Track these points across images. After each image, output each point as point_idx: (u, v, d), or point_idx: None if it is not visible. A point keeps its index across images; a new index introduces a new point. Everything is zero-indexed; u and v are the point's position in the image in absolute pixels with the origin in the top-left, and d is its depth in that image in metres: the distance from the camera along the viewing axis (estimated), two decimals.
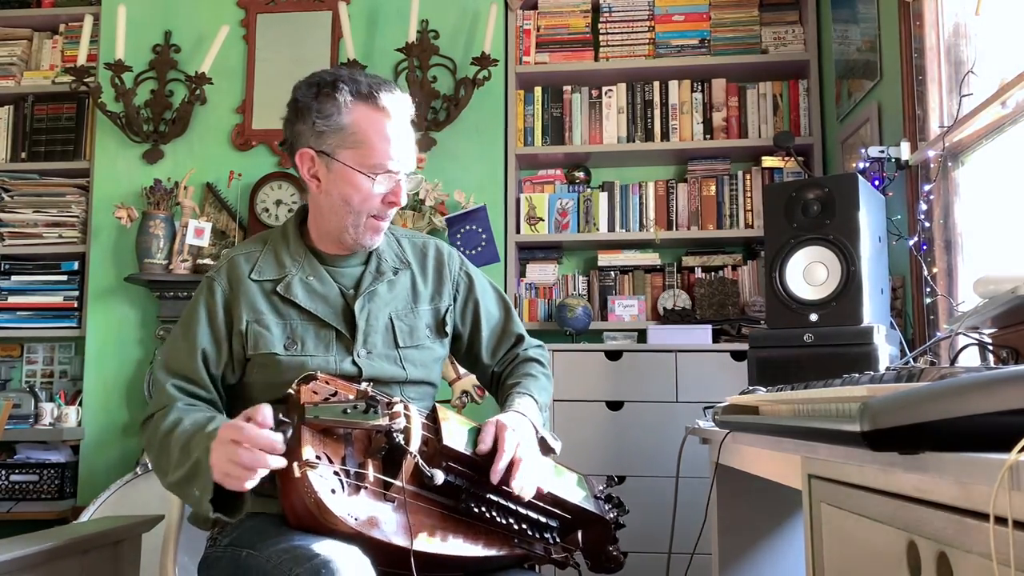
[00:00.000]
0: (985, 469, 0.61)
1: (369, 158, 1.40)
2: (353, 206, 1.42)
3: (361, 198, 1.42)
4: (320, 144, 1.41)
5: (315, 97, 1.41)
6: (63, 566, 1.44)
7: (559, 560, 1.43)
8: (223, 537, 1.35)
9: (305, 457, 1.16)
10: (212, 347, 1.41)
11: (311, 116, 1.41)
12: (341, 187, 1.42)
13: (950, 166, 2.23)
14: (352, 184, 1.41)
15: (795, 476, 1.17)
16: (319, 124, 1.40)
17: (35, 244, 3.47)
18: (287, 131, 1.47)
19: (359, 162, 1.40)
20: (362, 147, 1.40)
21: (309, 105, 1.41)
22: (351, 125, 1.40)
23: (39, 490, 3.19)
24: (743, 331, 2.97)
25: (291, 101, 1.46)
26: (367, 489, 1.23)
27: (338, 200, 1.43)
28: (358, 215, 1.43)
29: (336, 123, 1.40)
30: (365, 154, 1.40)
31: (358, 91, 1.41)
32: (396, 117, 1.43)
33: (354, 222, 1.44)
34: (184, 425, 1.31)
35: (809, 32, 3.26)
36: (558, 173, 3.43)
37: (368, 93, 1.41)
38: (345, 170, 1.41)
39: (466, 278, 1.61)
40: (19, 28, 3.68)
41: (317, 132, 1.41)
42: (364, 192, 1.41)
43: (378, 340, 1.46)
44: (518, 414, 1.43)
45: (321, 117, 1.40)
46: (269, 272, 1.46)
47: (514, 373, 1.59)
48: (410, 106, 1.47)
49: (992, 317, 1.51)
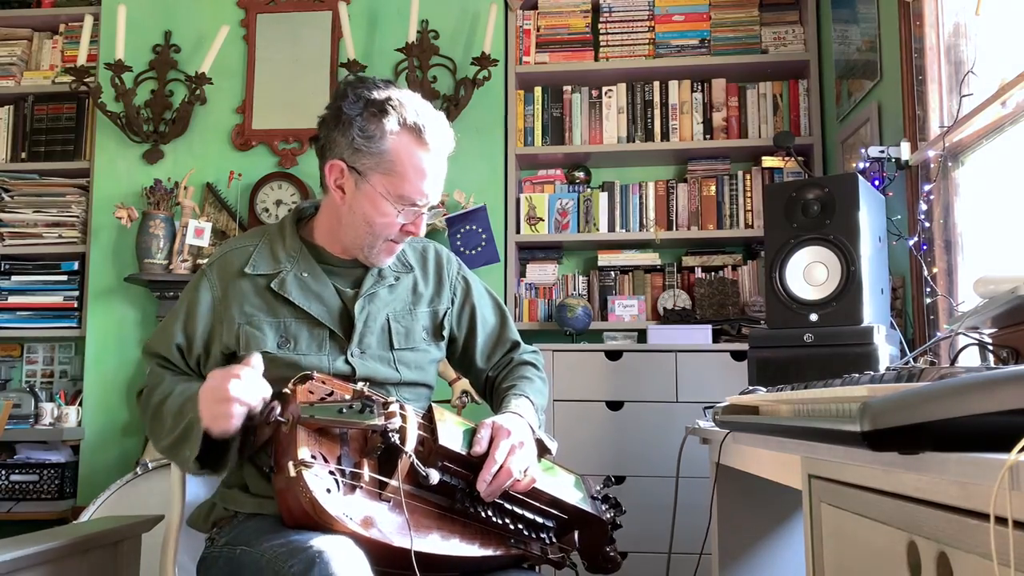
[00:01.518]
0: (985, 469, 0.61)
1: (399, 189, 1.40)
2: (373, 229, 1.43)
3: (383, 224, 1.42)
4: (354, 161, 1.40)
5: (361, 113, 1.39)
6: (63, 566, 1.44)
7: (556, 560, 1.43)
8: (220, 537, 1.36)
9: (300, 457, 1.16)
10: (184, 343, 1.46)
11: (352, 131, 1.39)
12: (365, 208, 1.42)
13: (950, 166, 2.23)
14: (377, 209, 1.41)
15: (795, 476, 1.17)
16: (358, 141, 1.39)
17: (35, 244, 3.47)
18: (322, 132, 1.45)
19: (388, 190, 1.40)
20: (396, 176, 1.39)
21: (352, 119, 1.39)
22: (390, 152, 1.39)
23: (39, 490, 3.19)
24: (743, 331, 2.97)
25: (335, 108, 1.43)
26: (363, 489, 1.23)
27: (360, 219, 1.43)
28: (375, 237, 1.44)
29: (376, 146, 1.38)
30: (397, 184, 1.40)
31: (406, 121, 1.39)
32: (436, 152, 1.43)
33: (370, 243, 1.45)
34: (176, 393, 1.37)
35: (809, 32, 3.26)
36: (558, 173, 3.43)
37: (415, 125, 1.39)
38: (374, 194, 1.41)
39: (463, 283, 1.62)
40: (19, 28, 3.68)
41: (354, 148, 1.39)
42: (387, 219, 1.42)
43: (373, 341, 1.46)
44: (515, 415, 1.43)
45: (363, 136, 1.38)
46: (263, 266, 1.46)
47: (509, 376, 1.60)
48: (452, 142, 1.47)
49: (992, 317, 1.51)
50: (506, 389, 1.54)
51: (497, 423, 1.37)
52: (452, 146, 1.48)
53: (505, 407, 1.47)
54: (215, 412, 1.22)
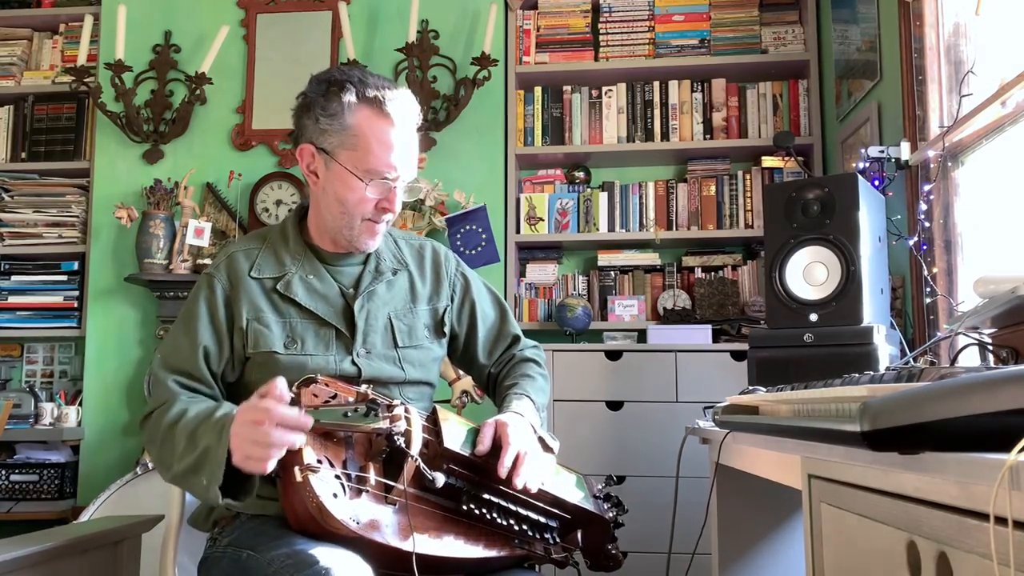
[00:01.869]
0: (985, 469, 0.61)
1: (365, 162, 1.40)
2: (347, 207, 1.42)
3: (355, 200, 1.41)
4: (322, 141, 1.42)
5: (323, 94, 1.41)
6: (63, 566, 1.44)
7: (559, 560, 1.43)
8: (223, 537, 1.35)
9: (307, 461, 1.16)
10: (214, 344, 1.41)
11: (315, 112, 1.41)
12: (336, 187, 1.42)
13: (950, 166, 2.23)
14: (347, 185, 1.41)
15: (795, 476, 1.17)
16: (323, 121, 1.40)
17: (35, 244, 3.47)
18: (294, 123, 1.48)
19: (355, 165, 1.40)
20: (360, 151, 1.40)
21: (316, 101, 1.41)
22: (353, 127, 1.39)
23: (39, 490, 3.19)
24: (743, 331, 2.97)
25: (301, 94, 1.46)
26: (368, 492, 1.22)
27: (333, 199, 1.43)
28: (352, 217, 1.43)
29: (339, 123, 1.40)
30: (362, 158, 1.40)
31: (364, 94, 1.40)
32: (400, 124, 1.42)
33: (348, 223, 1.44)
34: (188, 416, 1.30)
35: (809, 32, 3.26)
36: (558, 173, 3.43)
37: (374, 98, 1.40)
38: (342, 171, 1.41)
39: (462, 279, 1.62)
40: (19, 28, 3.68)
41: (320, 129, 1.41)
42: (357, 195, 1.41)
43: (377, 340, 1.46)
44: (516, 415, 1.43)
45: (325, 115, 1.40)
46: (269, 270, 1.45)
47: (511, 374, 1.59)
48: (417, 113, 1.46)
49: (992, 317, 1.51)
50: (507, 388, 1.54)
51: (501, 421, 1.37)
52: (417, 119, 1.46)
53: (506, 407, 1.47)
54: (251, 454, 1.15)
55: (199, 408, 1.32)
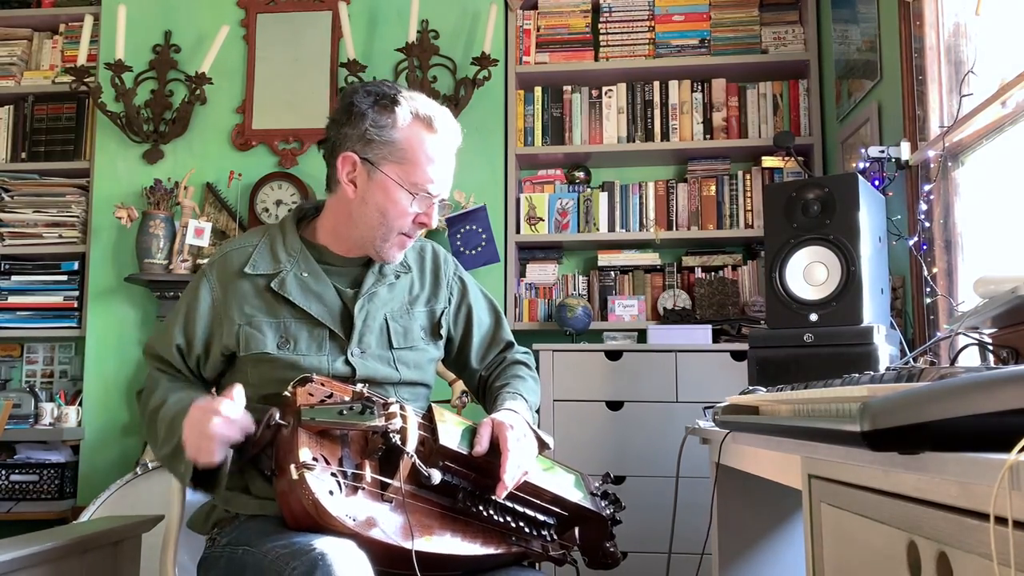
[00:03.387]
0: (985, 469, 0.61)
1: (412, 176, 1.42)
2: (387, 220, 1.43)
3: (397, 213, 1.43)
4: (366, 152, 1.42)
5: (372, 106, 1.42)
6: (63, 566, 1.44)
7: (557, 557, 1.44)
8: (222, 537, 1.36)
9: (302, 459, 1.16)
10: (184, 344, 1.46)
11: (364, 123, 1.41)
12: (379, 198, 1.43)
13: (950, 166, 2.23)
14: (391, 198, 1.42)
15: (795, 476, 1.17)
16: (371, 132, 1.41)
17: (35, 244, 3.47)
18: (332, 131, 1.47)
19: (402, 178, 1.42)
20: (408, 164, 1.42)
21: (364, 112, 1.42)
22: (403, 141, 1.41)
23: (39, 490, 3.19)
24: (743, 331, 2.97)
25: (345, 104, 1.45)
26: (364, 490, 1.23)
27: (373, 211, 1.43)
28: (389, 230, 1.44)
29: (388, 135, 1.41)
30: (410, 171, 1.42)
31: (417, 111, 1.43)
32: (446, 144, 1.47)
33: (384, 236, 1.45)
34: (168, 404, 1.39)
35: (809, 32, 3.26)
36: (558, 173, 3.43)
37: (426, 116, 1.43)
38: (387, 182, 1.42)
39: (460, 283, 1.63)
40: (19, 28, 3.68)
41: (366, 140, 1.42)
42: (400, 208, 1.43)
43: (372, 340, 1.46)
44: (511, 412, 1.43)
45: (375, 126, 1.41)
46: (264, 266, 1.46)
47: (501, 375, 1.60)
48: (460, 136, 1.50)
49: (992, 317, 1.51)
50: (499, 388, 1.55)
51: (497, 420, 1.37)
52: (460, 141, 1.51)
53: (500, 405, 1.47)
54: (198, 446, 1.25)
55: (179, 396, 1.40)
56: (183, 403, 1.34)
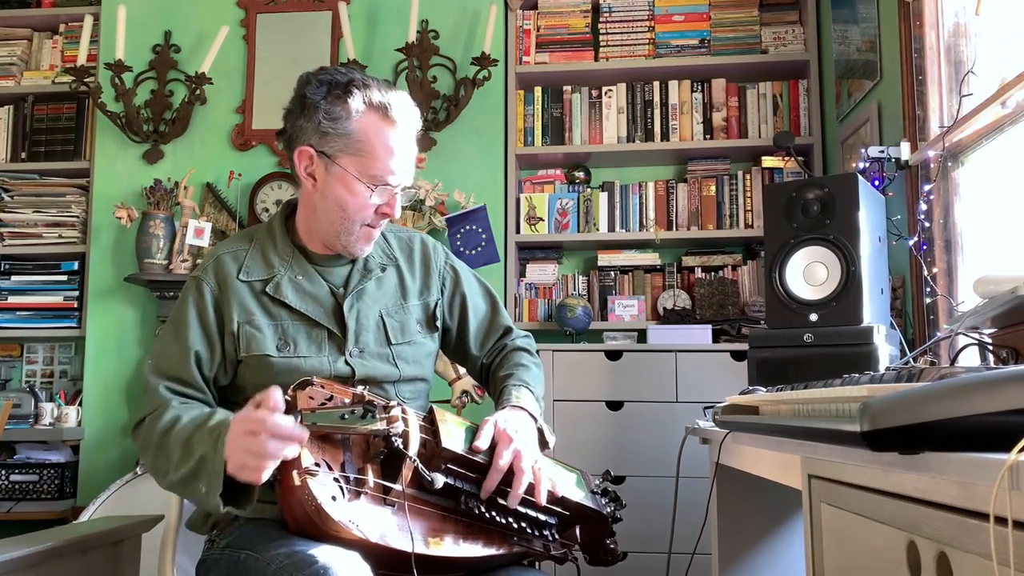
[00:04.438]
0: (985, 469, 0.61)
1: (371, 168, 1.39)
2: (348, 212, 1.41)
3: (357, 205, 1.40)
4: (322, 145, 1.39)
5: (325, 96, 1.38)
6: (63, 566, 1.44)
7: (558, 556, 1.44)
8: (221, 539, 1.35)
9: (304, 464, 1.16)
10: (205, 349, 1.40)
11: (318, 115, 1.38)
12: (338, 191, 1.40)
13: (950, 166, 2.23)
14: (350, 191, 1.40)
15: (795, 476, 1.17)
16: (325, 125, 1.38)
17: (35, 244, 3.47)
18: (288, 123, 1.45)
19: (360, 170, 1.39)
20: (365, 156, 1.39)
21: (317, 104, 1.38)
22: (358, 132, 1.38)
23: (39, 490, 3.19)
24: (743, 331, 2.97)
25: (298, 95, 1.42)
26: (367, 494, 1.22)
27: (333, 204, 1.41)
28: (351, 222, 1.42)
29: (343, 127, 1.38)
30: (367, 163, 1.39)
31: (370, 100, 1.39)
32: (403, 131, 1.42)
33: (347, 229, 1.42)
34: (183, 423, 1.29)
35: (809, 32, 3.26)
36: (558, 173, 3.43)
37: (380, 103, 1.39)
38: (345, 175, 1.39)
39: (452, 271, 1.60)
40: (19, 28, 3.68)
41: (321, 132, 1.38)
42: (360, 200, 1.40)
43: (370, 339, 1.45)
44: (517, 409, 1.43)
45: (328, 119, 1.37)
46: (257, 272, 1.44)
47: (505, 364, 1.58)
48: (418, 120, 1.46)
49: (992, 317, 1.51)
50: (504, 378, 1.53)
51: (499, 427, 1.35)
52: (419, 124, 1.46)
53: (506, 399, 1.46)
54: (246, 464, 1.14)
55: (193, 415, 1.30)
56: (198, 420, 1.27)
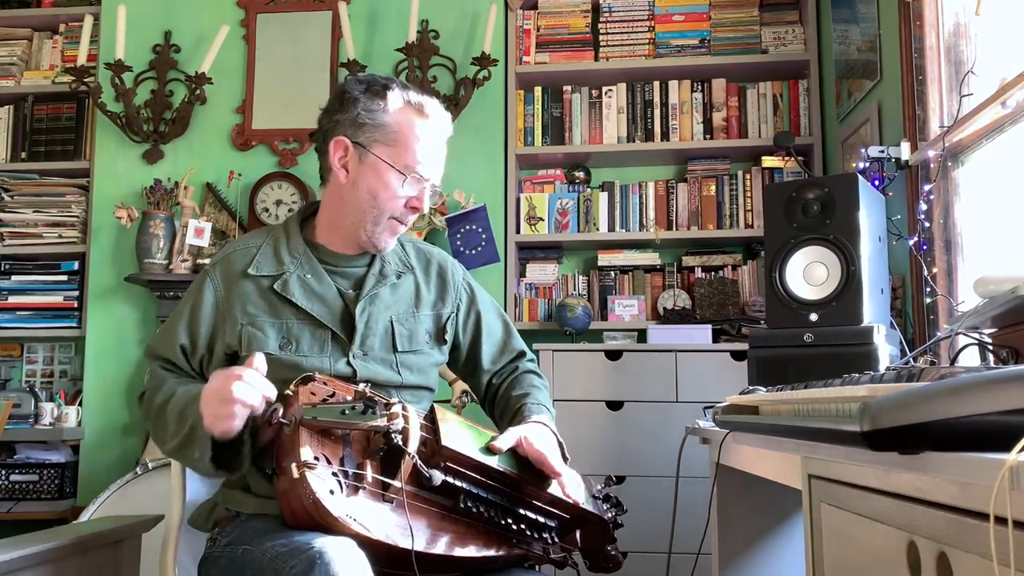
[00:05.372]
0: (985, 469, 0.61)
1: (403, 157, 1.43)
2: (379, 202, 1.44)
3: (388, 195, 1.44)
4: (357, 135, 1.44)
5: (364, 92, 1.45)
6: (63, 566, 1.44)
7: (557, 560, 1.43)
8: (223, 537, 1.36)
9: (303, 458, 1.16)
10: (188, 344, 1.46)
11: (356, 108, 1.44)
12: (371, 181, 1.44)
13: (950, 166, 2.23)
14: (382, 180, 1.43)
15: (795, 476, 1.17)
16: (362, 116, 1.44)
17: (35, 244, 3.47)
18: (324, 120, 1.50)
19: (393, 160, 1.43)
20: (399, 146, 1.43)
21: (356, 98, 1.44)
22: (393, 124, 1.44)
23: (39, 490, 3.19)
24: (743, 331, 2.97)
25: (337, 93, 1.49)
26: (365, 490, 1.22)
27: (364, 194, 1.44)
28: (380, 213, 1.45)
29: (379, 119, 1.43)
30: (400, 153, 1.43)
31: (408, 97, 1.46)
32: (436, 129, 1.48)
33: (375, 219, 1.45)
34: (177, 395, 1.36)
35: (809, 32, 3.26)
36: (558, 173, 3.43)
37: (417, 102, 1.46)
38: (378, 164, 1.43)
39: (468, 290, 1.63)
40: (19, 28, 3.68)
41: (358, 124, 1.44)
42: (391, 190, 1.44)
43: (376, 343, 1.46)
44: (539, 424, 1.46)
45: (366, 110, 1.44)
46: (267, 267, 1.46)
47: (518, 384, 1.60)
48: (450, 125, 1.52)
49: (992, 317, 1.51)
50: (520, 397, 1.55)
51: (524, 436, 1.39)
52: (450, 132, 1.52)
53: (527, 416, 1.48)
54: (217, 413, 1.21)
55: (188, 387, 1.37)
56: (192, 392, 1.32)
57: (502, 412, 1.59)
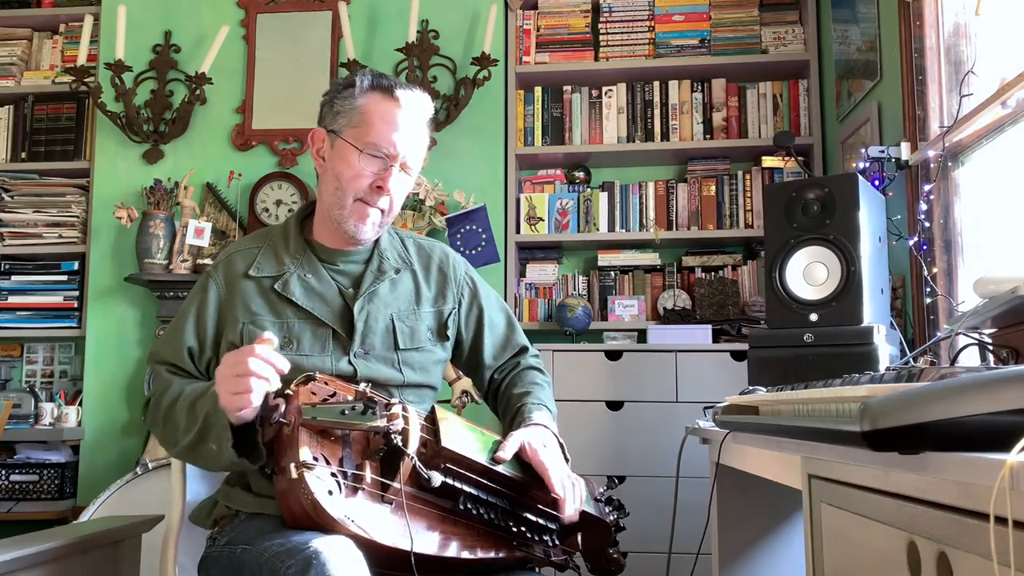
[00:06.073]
0: (985, 469, 0.61)
1: (366, 136, 1.44)
2: (343, 182, 1.44)
3: (351, 174, 1.43)
4: (332, 124, 1.48)
5: (341, 84, 1.50)
6: (63, 566, 1.44)
7: (559, 563, 1.43)
8: (222, 537, 1.36)
9: (302, 458, 1.16)
10: (196, 346, 1.45)
11: (333, 100, 1.48)
12: (336, 163, 1.46)
13: (950, 166, 2.23)
14: (345, 160, 1.44)
15: (795, 476, 1.17)
16: (336, 104, 1.47)
17: (35, 244, 3.47)
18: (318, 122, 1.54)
19: (356, 139, 1.44)
20: (363, 127, 1.44)
21: (335, 91, 1.50)
22: (361, 106, 1.45)
23: (39, 490, 3.19)
24: (743, 331, 2.97)
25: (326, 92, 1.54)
26: (364, 491, 1.22)
27: (331, 176, 1.46)
28: (344, 193, 1.44)
29: (349, 104, 1.46)
30: (363, 132, 1.44)
31: (379, 83, 1.47)
32: (406, 108, 1.46)
33: (340, 202, 1.45)
34: (185, 393, 1.35)
35: (809, 32, 3.26)
36: (558, 173, 3.43)
37: (387, 86, 1.47)
38: (343, 146, 1.45)
39: (471, 283, 1.62)
40: (19, 28, 3.68)
41: (333, 113, 1.47)
42: (354, 168, 1.43)
43: (377, 342, 1.45)
44: (540, 427, 1.45)
45: (339, 98, 1.47)
46: (268, 268, 1.47)
47: (520, 381, 1.59)
48: (427, 107, 1.51)
49: (992, 317, 1.51)
50: (521, 396, 1.55)
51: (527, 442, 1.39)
52: (427, 112, 1.51)
53: (527, 417, 1.48)
54: (234, 388, 1.19)
55: (195, 385, 1.37)
56: (201, 387, 1.31)
57: (504, 410, 1.59)
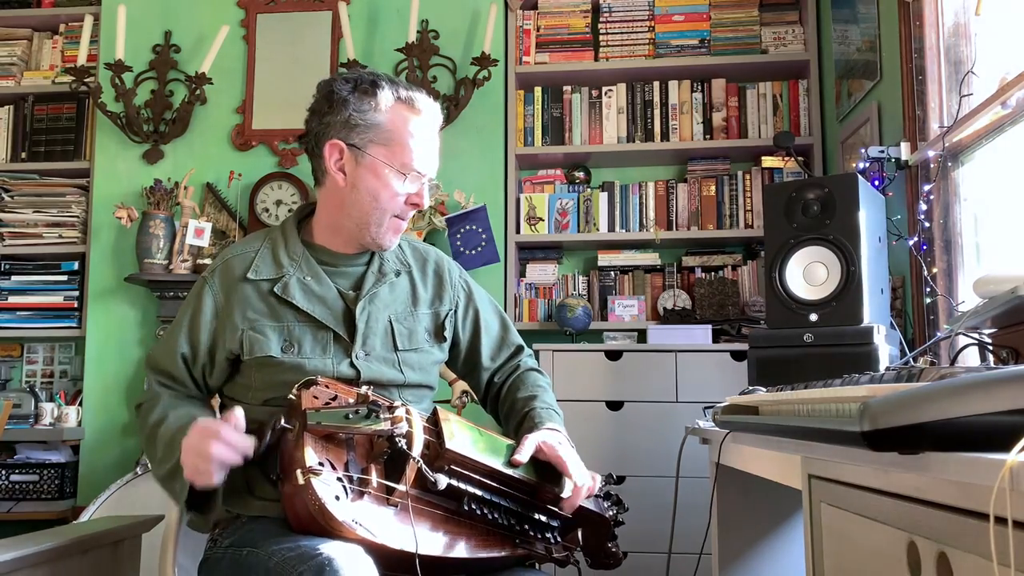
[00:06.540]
0: (985, 469, 0.61)
1: (400, 156, 1.42)
2: (380, 202, 1.43)
3: (389, 195, 1.43)
4: (351, 137, 1.43)
5: (352, 92, 1.43)
6: (63, 566, 1.44)
7: (560, 559, 1.44)
8: (224, 538, 1.35)
9: (308, 464, 1.16)
10: (190, 353, 1.45)
11: (347, 110, 1.42)
12: (370, 182, 1.43)
13: (950, 166, 2.23)
14: (381, 180, 1.43)
15: (795, 476, 1.17)
16: (354, 117, 1.42)
17: (35, 244, 3.47)
18: (313, 123, 1.47)
19: (390, 160, 1.42)
20: (395, 145, 1.42)
21: (346, 99, 1.42)
22: (387, 123, 1.42)
23: (39, 490, 3.19)
24: (743, 331, 2.98)
25: (326, 93, 1.46)
26: (370, 494, 1.22)
27: (365, 195, 1.43)
28: (383, 212, 1.44)
29: (372, 119, 1.42)
30: (397, 152, 1.42)
31: (398, 94, 1.44)
32: (429, 123, 1.47)
33: (378, 220, 1.45)
34: (169, 422, 1.37)
35: (809, 32, 3.26)
36: (558, 173, 3.43)
37: (407, 97, 1.45)
38: (376, 164, 1.42)
39: (465, 287, 1.62)
40: (19, 28, 3.68)
41: (351, 125, 1.42)
42: (392, 189, 1.43)
43: (377, 343, 1.45)
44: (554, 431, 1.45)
45: (358, 111, 1.42)
46: (266, 271, 1.45)
47: (523, 385, 1.59)
48: (441, 115, 1.51)
49: (992, 317, 1.51)
50: (527, 400, 1.54)
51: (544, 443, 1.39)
52: (441, 120, 1.52)
53: (539, 422, 1.47)
54: (197, 468, 1.24)
55: (180, 414, 1.38)
56: (183, 420, 1.33)
57: (508, 413, 1.58)
